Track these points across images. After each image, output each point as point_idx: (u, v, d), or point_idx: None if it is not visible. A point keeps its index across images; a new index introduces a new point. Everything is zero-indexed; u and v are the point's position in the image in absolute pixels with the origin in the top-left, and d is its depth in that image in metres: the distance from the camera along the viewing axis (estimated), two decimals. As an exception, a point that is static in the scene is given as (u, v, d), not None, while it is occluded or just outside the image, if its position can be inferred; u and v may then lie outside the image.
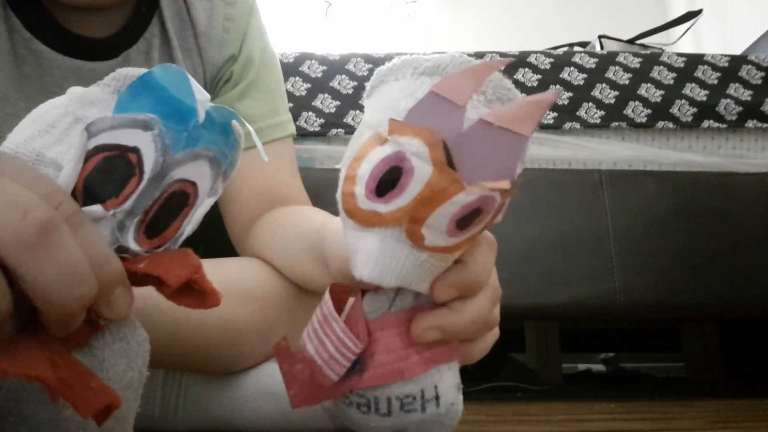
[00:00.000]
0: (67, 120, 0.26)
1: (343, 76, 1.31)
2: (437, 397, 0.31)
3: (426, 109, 0.26)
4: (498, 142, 0.26)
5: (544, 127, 1.28)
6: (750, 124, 1.29)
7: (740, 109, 1.29)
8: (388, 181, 0.27)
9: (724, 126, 1.29)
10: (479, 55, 1.35)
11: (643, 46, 1.69)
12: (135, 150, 0.26)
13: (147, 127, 0.26)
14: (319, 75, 1.31)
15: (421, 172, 0.26)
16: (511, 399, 1.15)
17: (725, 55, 1.36)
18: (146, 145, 0.26)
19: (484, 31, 2.71)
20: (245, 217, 0.64)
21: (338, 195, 0.29)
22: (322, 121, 1.25)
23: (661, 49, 1.61)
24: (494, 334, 0.35)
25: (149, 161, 0.26)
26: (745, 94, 1.30)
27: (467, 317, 0.31)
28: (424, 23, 2.97)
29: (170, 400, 0.57)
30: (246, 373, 0.56)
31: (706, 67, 1.34)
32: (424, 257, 0.28)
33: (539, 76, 1.32)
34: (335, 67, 1.32)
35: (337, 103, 1.27)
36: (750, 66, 1.34)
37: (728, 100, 1.29)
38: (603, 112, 1.29)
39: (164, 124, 0.26)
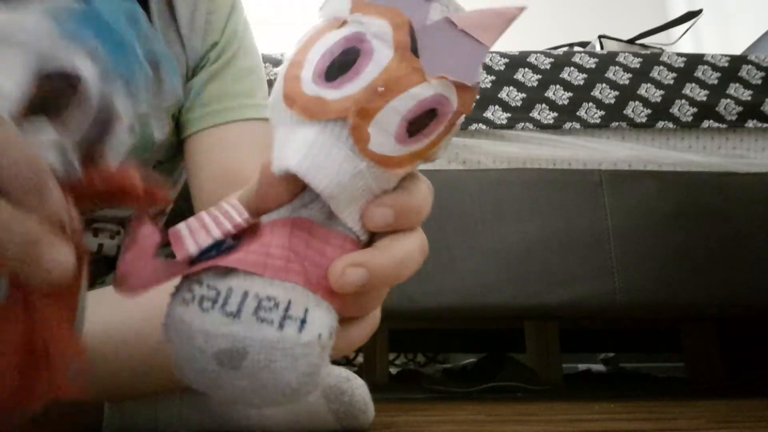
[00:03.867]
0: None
1: (343, 76, 1.31)
2: (304, 321, 0.24)
3: None
4: (459, 44, 0.24)
5: (544, 127, 1.28)
6: (750, 124, 1.29)
7: (740, 109, 1.29)
8: (342, 64, 0.24)
9: (724, 126, 1.29)
10: (479, 55, 1.35)
11: (643, 46, 1.69)
12: None
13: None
14: (319, 75, 1.31)
15: (381, 55, 0.24)
16: (511, 399, 1.15)
17: (725, 55, 1.36)
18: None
19: (484, 31, 2.71)
20: (204, 199, 0.63)
21: (277, 84, 0.25)
22: (322, 121, 1.25)
23: (661, 49, 1.61)
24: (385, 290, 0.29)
25: None
26: (745, 94, 1.30)
27: (398, 257, 0.25)
28: (424, 23, 2.97)
29: (173, 401, 0.57)
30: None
31: (706, 67, 1.34)
32: (362, 166, 0.24)
33: (539, 76, 1.32)
34: (335, 67, 1.32)
35: (337, 103, 1.27)
36: (750, 66, 1.34)
37: (728, 100, 1.29)
38: (603, 112, 1.29)
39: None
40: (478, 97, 0.24)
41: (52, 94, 0.23)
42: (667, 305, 1.21)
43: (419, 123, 0.24)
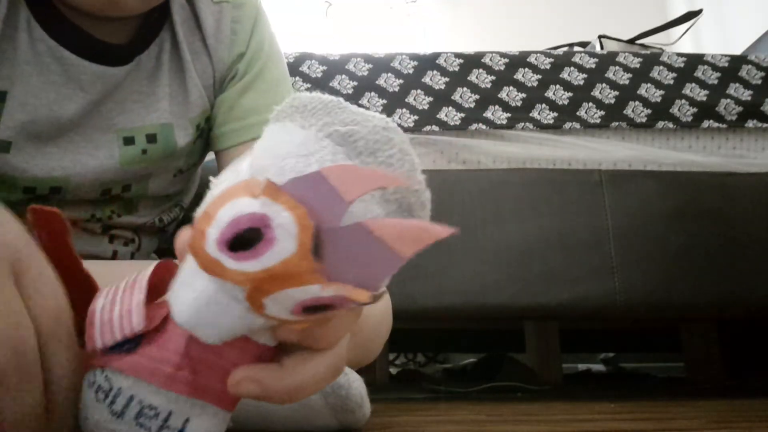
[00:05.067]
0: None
1: (343, 76, 1.31)
2: (181, 431, 0.27)
3: (311, 185, 0.23)
4: (373, 251, 0.23)
5: (544, 127, 1.28)
6: (750, 124, 1.29)
7: (740, 109, 1.29)
8: (246, 239, 0.23)
9: (724, 126, 1.29)
10: (479, 55, 1.35)
11: (643, 46, 1.69)
12: None
13: None
14: (319, 75, 1.31)
15: (282, 248, 0.23)
16: (511, 399, 1.15)
17: (725, 55, 1.36)
18: None
19: (484, 31, 2.71)
20: None
21: (189, 228, 0.26)
22: (322, 121, 1.25)
23: (661, 49, 1.61)
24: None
25: None
26: (745, 94, 1.30)
27: (297, 379, 0.27)
28: (423, 23, 2.97)
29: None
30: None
31: (706, 67, 1.34)
32: (259, 321, 0.25)
33: (539, 76, 1.32)
34: (335, 67, 1.32)
35: (337, 103, 1.27)
36: (750, 66, 1.34)
37: (728, 100, 1.29)
38: (603, 112, 1.29)
39: None
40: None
41: None
42: (667, 305, 1.21)
43: (316, 309, 0.25)
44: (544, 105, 1.29)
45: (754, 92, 1.30)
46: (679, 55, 1.37)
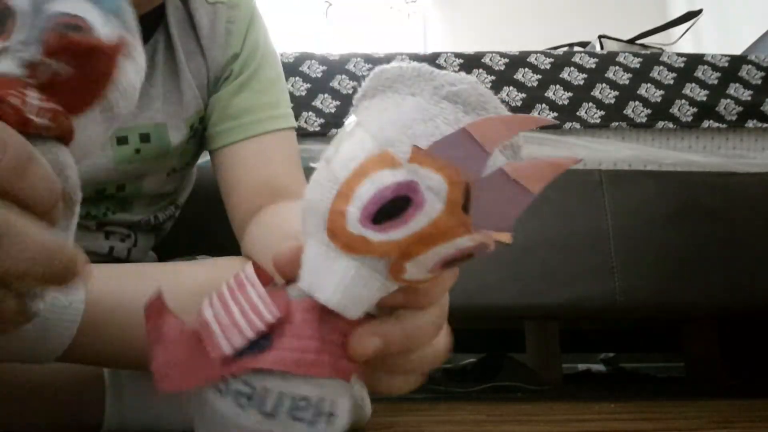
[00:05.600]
0: None
1: (343, 76, 1.31)
2: (332, 415, 0.26)
3: (452, 144, 0.24)
4: (508, 193, 0.25)
5: (544, 127, 1.27)
6: (750, 124, 1.29)
7: (740, 109, 1.29)
8: (390, 209, 0.24)
9: (724, 126, 1.29)
10: (479, 55, 1.35)
11: (643, 46, 1.69)
12: None
13: None
14: (319, 75, 1.31)
15: (432, 208, 0.24)
16: (511, 399, 1.15)
17: (725, 55, 1.36)
18: None
19: (484, 31, 2.71)
20: (243, 210, 0.64)
21: (318, 206, 0.26)
22: (322, 121, 1.25)
23: (661, 49, 1.61)
24: (411, 382, 0.31)
25: None
26: (745, 94, 1.30)
27: (415, 323, 0.28)
28: (423, 23, 2.97)
29: (173, 398, 0.57)
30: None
31: (706, 67, 1.34)
32: (392, 288, 0.26)
33: (539, 76, 1.32)
34: (335, 67, 1.32)
35: (337, 103, 1.27)
36: (750, 66, 1.34)
37: (728, 100, 1.29)
38: (603, 112, 1.29)
39: None
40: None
41: None
42: (667, 305, 1.21)
43: (456, 260, 0.26)
44: (544, 105, 1.29)
45: (754, 92, 1.30)
46: (679, 55, 1.37)
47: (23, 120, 0.24)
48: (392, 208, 0.24)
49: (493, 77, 1.32)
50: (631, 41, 1.72)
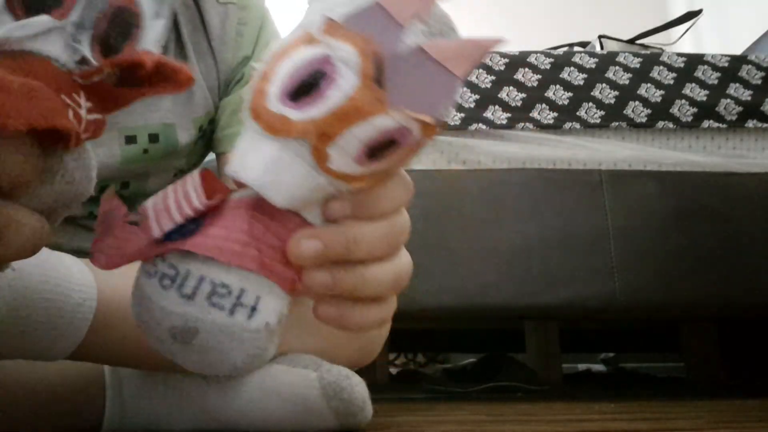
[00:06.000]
0: None
1: (343, 76, 1.31)
2: (254, 309, 0.26)
3: (365, 19, 0.24)
4: (430, 75, 0.24)
5: (544, 127, 1.28)
6: (750, 124, 1.29)
7: (740, 109, 1.29)
8: (307, 86, 0.24)
9: (724, 126, 1.29)
10: (479, 55, 1.35)
11: (643, 46, 1.69)
12: None
13: None
14: (319, 75, 1.31)
15: (346, 82, 0.24)
16: (511, 399, 1.15)
17: (725, 55, 1.36)
18: None
19: (484, 31, 2.71)
20: None
21: (246, 93, 0.26)
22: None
23: (661, 49, 1.61)
24: (382, 310, 0.29)
25: None
26: (745, 94, 1.30)
27: (358, 231, 0.27)
28: (424, 23, 2.97)
29: (174, 398, 0.57)
30: (250, 375, 0.57)
31: (706, 67, 1.34)
32: (322, 181, 0.26)
33: (539, 76, 1.32)
34: (335, 67, 1.32)
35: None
36: (750, 66, 1.34)
37: (728, 100, 1.29)
38: (603, 112, 1.29)
39: None
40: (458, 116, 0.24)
41: None
42: (667, 305, 1.21)
43: (379, 148, 0.25)
44: (544, 105, 1.29)
45: (754, 92, 1.30)
46: (679, 55, 1.37)
47: (77, 139, 0.24)
48: (309, 85, 0.24)
49: (493, 77, 1.32)
50: (631, 41, 1.72)
